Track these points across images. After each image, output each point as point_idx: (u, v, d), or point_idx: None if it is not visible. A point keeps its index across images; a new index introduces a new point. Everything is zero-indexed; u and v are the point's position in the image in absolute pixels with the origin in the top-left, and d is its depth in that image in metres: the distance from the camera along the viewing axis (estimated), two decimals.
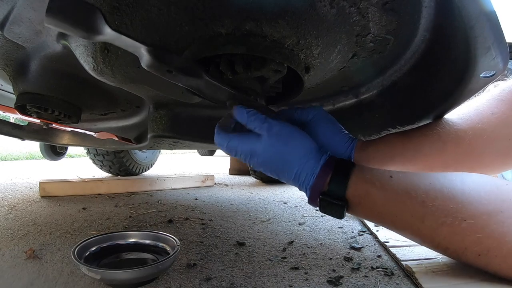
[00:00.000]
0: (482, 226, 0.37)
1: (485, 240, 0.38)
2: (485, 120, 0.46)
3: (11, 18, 0.38)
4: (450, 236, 0.39)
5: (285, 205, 1.08)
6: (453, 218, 0.38)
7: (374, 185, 0.41)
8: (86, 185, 1.29)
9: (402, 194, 0.40)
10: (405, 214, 0.40)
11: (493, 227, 0.37)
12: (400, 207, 0.40)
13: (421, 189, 0.40)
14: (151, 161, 2.00)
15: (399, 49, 0.44)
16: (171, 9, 0.34)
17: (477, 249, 0.39)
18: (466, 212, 0.38)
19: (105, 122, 0.82)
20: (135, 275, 0.44)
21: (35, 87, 0.54)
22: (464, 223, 0.38)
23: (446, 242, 0.40)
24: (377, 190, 0.41)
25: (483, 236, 0.38)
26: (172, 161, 3.92)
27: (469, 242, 0.39)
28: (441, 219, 0.39)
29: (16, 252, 0.59)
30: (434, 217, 0.39)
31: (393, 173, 0.42)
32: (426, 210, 0.39)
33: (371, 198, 0.41)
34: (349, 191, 0.41)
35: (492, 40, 0.31)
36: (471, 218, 0.38)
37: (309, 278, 0.49)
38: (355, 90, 0.56)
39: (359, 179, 0.41)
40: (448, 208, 0.38)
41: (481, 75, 0.36)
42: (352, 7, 0.35)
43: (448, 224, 0.38)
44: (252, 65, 0.39)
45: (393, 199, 0.40)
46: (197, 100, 0.54)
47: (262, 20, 0.35)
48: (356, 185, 0.41)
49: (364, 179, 0.41)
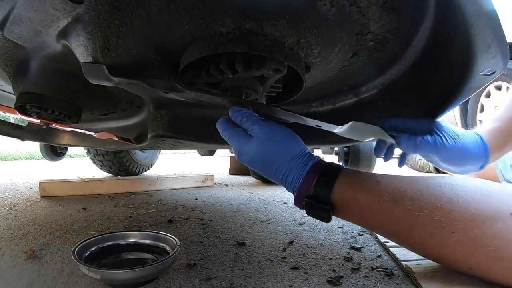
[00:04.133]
0: (473, 240, 0.36)
1: (476, 254, 0.36)
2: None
3: (11, 18, 0.38)
4: (440, 248, 0.38)
5: (285, 205, 1.08)
6: (441, 230, 0.37)
7: (360, 190, 0.40)
8: (86, 185, 1.28)
9: (388, 201, 0.39)
10: (392, 222, 0.40)
11: (484, 242, 0.36)
12: (387, 215, 0.40)
13: (408, 197, 0.39)
14: (151, 161, 2.00)
15: (399, 48, 0.44)
16: (171, 8, 0.34)
17: (469, 263, 0.37)
18: (455, 224, 0.36)
19: (105, 122, 0.82)
20: (135, 275, 0.44)
21: (35, 87, 0.54)
22: (453, 236, 0.36)
23: (436, 253, 0.39)
24: (363, 195, 0.40)
25: (473, 251, 0.36)
26: (172, 161, 3.92)
27: (459, 255, 0.37)
28: (429, 230, 0.37)
29: (16, 252, 0.59)
30: (422, 227, 0.38)
31: (380, 178, 0.41)
32: (413, 219, 0.38)
33: (357, 203, 0.41)
34: (334, 195, 0.41)
35: (492, 38, 0.31)
36: (461, 231, 0.36)
37: (309, 278, 0.49)
38: (355, 89, 0.56)
39: (345, 184, 0.41)
40: (436, 218, 0.37)
41: (481, 73, 0.36)
42: (352, 6, 0.35)
43: (437, 236, 0.37)
44: (252, 64, 0.39)
45: (380, 205, 0.40)
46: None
47: (262, 19, 0.35)
48: (341, 189, 0.41)
49: (350, 184, 0.41)
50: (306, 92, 0.54)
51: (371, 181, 0.41)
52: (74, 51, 0.41)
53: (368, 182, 0.41)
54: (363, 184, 0.41)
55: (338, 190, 0.41)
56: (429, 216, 0.37)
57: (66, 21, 0.37)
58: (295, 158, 0.41)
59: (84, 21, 0.37)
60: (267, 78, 0.44)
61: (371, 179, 0.42)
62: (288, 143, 0.42)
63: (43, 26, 0.40)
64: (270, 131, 0.41)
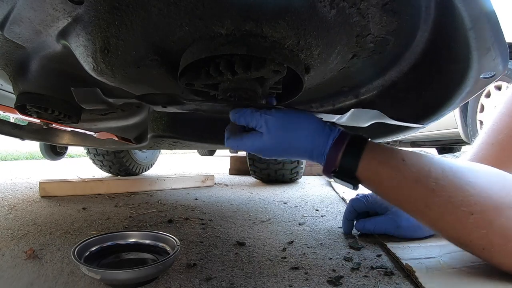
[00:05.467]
0: (490, 221, 0.37)
1: (490, 235, 0.38)
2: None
3: (11, 18, 0.38)
4: (456, 228, 0.39)
5: (285, 205, 1.08)
6: (462, 211, 0.38)
7: (385, 166, 0.41)
8: (86, 185, 1.28)
9: (412, 179, 0.40)
10: (412, 199, 0.41)
11: (500, 222, 0.37)
12: (408, 192, 0.41)
13: (432, 177, 0.39)
14: (151, 161, 2.00)
15: (399, 49, 0.44)
16: (171, 9, 0.34)
17: (482, 243, 0.38)
18: (475, 205, 0.38)
19: (105, 122, 0.82)
20: (135, 275, 0.44)
21: (35, 87, 0.54)
22: (472, 217, 0.37)
23: (451, 231, 0.40)
24: (387, 171, 0.41)
25: (489, 232, 0.37)
26: (172, 161, 3.91)
27: (474, 236, 0.38)
28: (447, 209, 0.39)
29: (16, 252, 0.59)
30: (442, 206, 0.39)
31: (406, 156, 0.42)
32: (434, 198, 0.39)
33: (381, 178, 0.42)
34: (359, 170, 0.42)
35: (492, 41, 0.31)
36: (479, 213, 0.37)
37: (309, 278, 0.49)
38: (355, 90, 0.57)
39: (370, 159, 0.42)
40: (458, 199, 0.38)
41: (481, 76, 0.36)
42: (352, 7, 0.35)
43: (456, 215, 0.38)
44: (252, 65, 0.39)
45: (403, 182, 0.41)
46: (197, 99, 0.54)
47: (262, 20, 0.35)
48: (367, 164, 0.42)
49: (375, 159, 0.42)
50: (306, 93, 0.54)
51: (397, 158, 0.42)
52: (74, 51, 0.42)
53: (394, 159, 0.42)
54: (388, 161, 0.42)
55: (364, 165, 0.41)
56: (451, 196, 0.38)
57: (66, 21, 0.38)
58: (311, 133, 0.42)
59: (84, 22, 0.37)
60: (267, 80, 0.44)
61: (397, 156, 0.42)
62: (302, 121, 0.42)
63: (43, 26, 0.40)
64: (277, 118, 0.42)
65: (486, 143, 0.55)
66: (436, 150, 3.20)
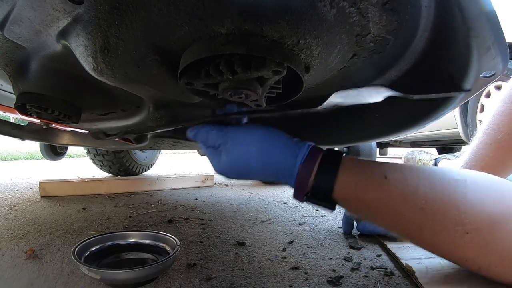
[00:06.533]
0: (485, 240, 0.35)
1: (487, 255, 0.35)
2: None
3: (11, 18, 0.38)
4: (450, 247, 0.37)
5: (285, 205, 1.08)
6: (455, 230, 0.35)
7: (366, 186, 0.36)
8: (86, 185, 1.28)
9: (398, 199, 0.36)
10: (401, 221, 0.37)
11: (497, 241, 0.35)
12: (396, 213, 0.36)
13: (420, 195, 0.35)
14: (151, 161, 2.00)
15: (399, 49, 0.44)
16: (171, 9, 0.34)
17: (478, 262, 0.36)
18: (468, 224, 0.34)
19: (105, 122, 0.82)
20: (135, 275, 0.44)
21: (35, 87, 0.54)
22: (466, 236, 0.34)
23: (446, 251, 0.38)
24: (369, 194, 0.36)
25: (485, 251, 0.35)
26: (172, 161, 3.91)
27: (470, 255, 0.36)
28: (441, 229, 0.36)
29: (16, 252, 0.59)
30: (434, 226, 0.36)
31: (388, 171, 0.37)
32: (425, 218, 0.35)
33: (362, 203, 0.37)
34: (336, 191, 0.36)
35: (492, 40, 0.31)
36: (474, 232, 0.34)
37: (309, 278, 0.49)
38: None
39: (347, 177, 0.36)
40: (449, 217, 0.35)
41: (481, 75, 0.36)
42: (352, 7, 0.35)
43: (449, 235, 0.35)
44: (251, 65, 0.39)
45: (388, 205, 0.36)
46: (197, 100, 0.54)
47: (262, 20, 0.35)
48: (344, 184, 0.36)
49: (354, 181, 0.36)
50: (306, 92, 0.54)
51: (378, 177, 0.37)
52: (74, 51, 0.41)
53: (374, 178, 0.37)
54: (369, 181, 0.36)
55: (341, 186, 0.36)
56: (443, 214, 0.35)
57: (66, 21, 0.38)
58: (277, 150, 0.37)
59: (84, 22, 0.37)
60: (267, 79, 0.44)
61: (378, 174, 0.37)
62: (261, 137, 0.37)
63: (43, 26, 0.40)
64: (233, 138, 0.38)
65: (484, 143, 0.54)
66: (436, 150, 3.20)
